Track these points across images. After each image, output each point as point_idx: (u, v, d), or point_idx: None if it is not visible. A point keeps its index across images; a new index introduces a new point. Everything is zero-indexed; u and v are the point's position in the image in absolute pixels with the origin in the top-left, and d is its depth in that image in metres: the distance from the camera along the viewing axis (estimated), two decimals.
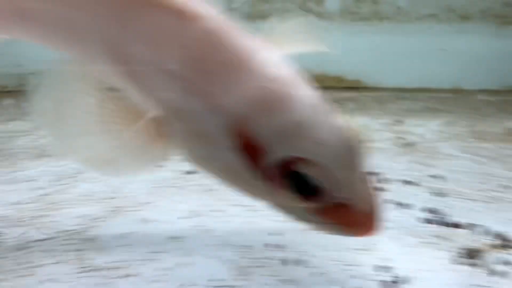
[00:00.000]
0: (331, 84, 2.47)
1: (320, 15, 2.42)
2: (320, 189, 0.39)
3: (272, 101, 0.37)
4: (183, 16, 0.38)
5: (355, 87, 2.50)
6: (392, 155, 1.04)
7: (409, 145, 1.13)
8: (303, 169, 0.38)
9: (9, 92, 1.43)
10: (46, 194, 0.75)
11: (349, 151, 0.40)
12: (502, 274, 0.53)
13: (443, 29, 2.40)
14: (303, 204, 0.41)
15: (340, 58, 2.39)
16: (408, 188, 0.82)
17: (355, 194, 0.40)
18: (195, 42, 0.38)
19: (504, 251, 0.58)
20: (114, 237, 0.61)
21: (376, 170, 0.91)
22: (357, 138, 0.41)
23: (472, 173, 0.90)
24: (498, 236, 0.63)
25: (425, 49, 2.35)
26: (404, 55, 2.34)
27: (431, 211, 0.69)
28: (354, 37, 2.44)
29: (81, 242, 0.60)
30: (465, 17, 2.39)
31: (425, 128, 1.36)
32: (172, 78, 0.39)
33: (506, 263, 0.55)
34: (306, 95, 0.40)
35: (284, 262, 0.54)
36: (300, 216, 0.43)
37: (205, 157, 0.41)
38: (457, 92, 2.34)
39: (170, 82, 0.39)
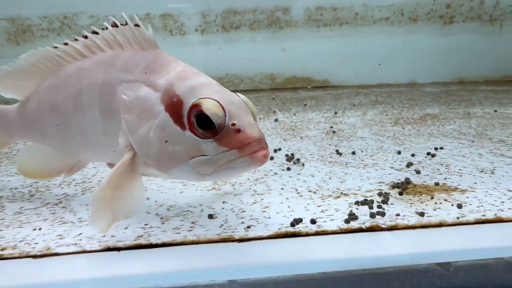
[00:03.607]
0: (302, 85, 2.72)
1: (287, 23, 2.68)
2: (217, 124, 0.58)
3: (189, 73, 0.64)
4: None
5: (323, 86, 2.74)
6: (316, 140, 1.28)
7: (334, 132, 1.37)
8: (206, 110, 0.57)
9: None
10: None
11: (236, 99, 0.62)
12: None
13: (396, 31, 2.64)
14: (208, 136, 0.58)
15: (308, 61, 2.65)
16: (312, 163, 1.05)
17: (244, 124, 0.59)
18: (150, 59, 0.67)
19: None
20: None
21: (293, 152, 1.15)
22: (245, 100, 0.64)
23: (365, 150, 1.13)
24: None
25: (382, 49, 2.59)
26: (364, 55, 2.57)
27: (317, 181, 0.91)
28: (319, 41, 2.69)
29: None
30: (413, 19, 2.63)
31: (358, 118, 1.57)
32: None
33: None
34: (208, 77, 0.66)
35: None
36: (209, 162, 0.59)
37: (153, 136, 0.60)
38: (410, 86, 2.57)
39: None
